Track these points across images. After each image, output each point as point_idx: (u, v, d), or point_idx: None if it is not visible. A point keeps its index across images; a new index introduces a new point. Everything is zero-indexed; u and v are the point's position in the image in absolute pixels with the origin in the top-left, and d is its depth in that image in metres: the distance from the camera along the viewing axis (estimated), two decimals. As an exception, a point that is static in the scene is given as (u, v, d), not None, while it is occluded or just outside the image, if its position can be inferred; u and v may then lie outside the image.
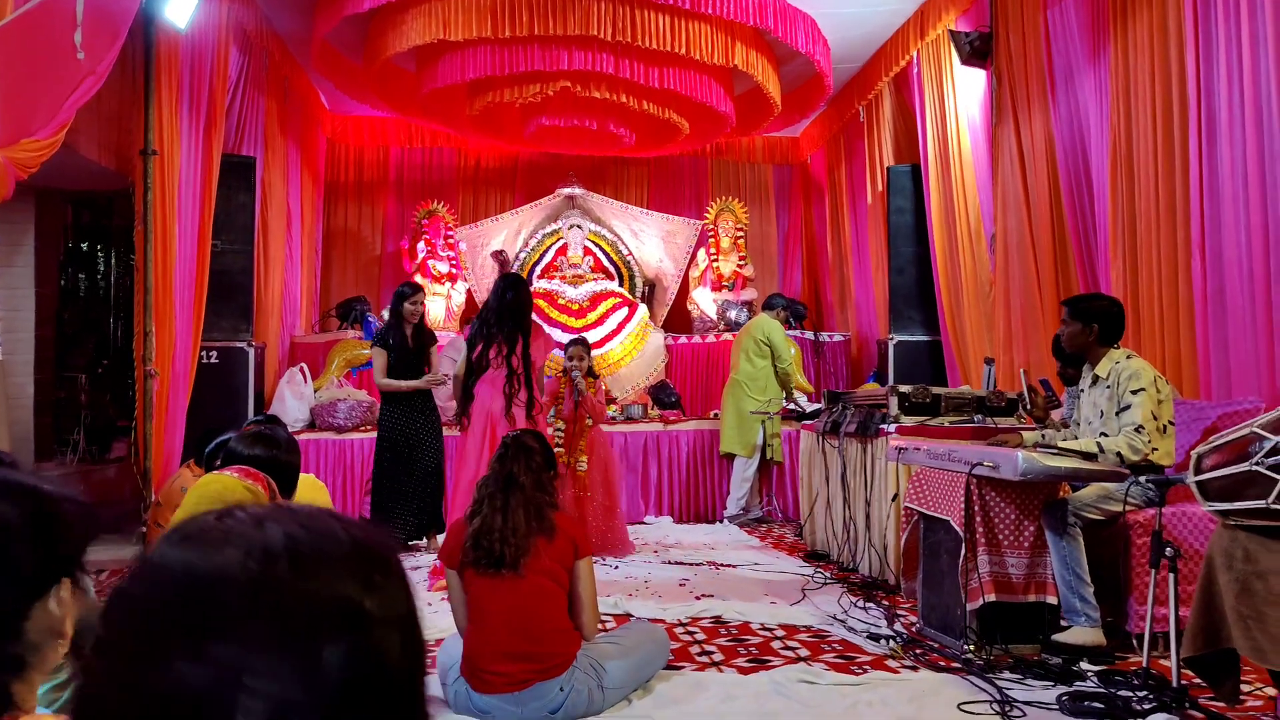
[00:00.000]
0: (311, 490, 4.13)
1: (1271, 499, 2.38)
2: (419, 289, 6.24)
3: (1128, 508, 3.52)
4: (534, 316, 5.45)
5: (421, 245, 9.33)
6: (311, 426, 7.22)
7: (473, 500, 3.04)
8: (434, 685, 3.18)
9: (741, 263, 9.52)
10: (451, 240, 9.46)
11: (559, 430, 5.97)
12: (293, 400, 7.18)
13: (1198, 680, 2.87)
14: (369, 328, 8.15)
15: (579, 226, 9.61)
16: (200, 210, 6.20)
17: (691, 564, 5.58)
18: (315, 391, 7.42)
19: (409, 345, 6.01)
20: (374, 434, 6.91)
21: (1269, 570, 2.45)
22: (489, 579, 2.90)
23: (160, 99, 5.65)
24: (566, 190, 9.68)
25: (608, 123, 8.04)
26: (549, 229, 9.71)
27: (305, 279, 8.86)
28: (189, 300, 6.11)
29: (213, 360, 6.69)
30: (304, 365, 7.54)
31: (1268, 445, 2.39)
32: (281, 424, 4.86)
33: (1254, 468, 2.41)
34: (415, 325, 6.09)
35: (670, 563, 5.63)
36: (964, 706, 2.95)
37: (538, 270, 9.55)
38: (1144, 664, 2.99)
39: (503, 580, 2.88)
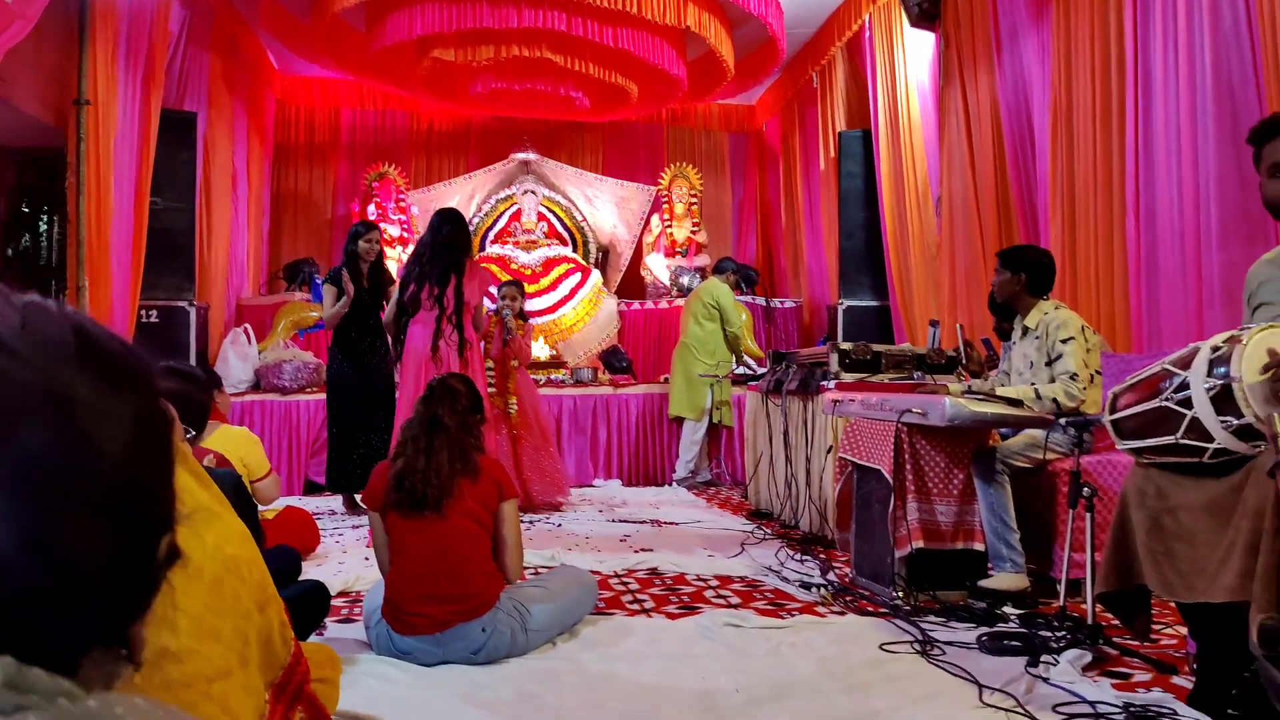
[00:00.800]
0: (245, 444, 4.07)
1: (1180, 434, 2.40)
2: (374, 227, 6.01)
3: (1052, 455, 3.57)
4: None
5: (372, 208, 9.23)
6: (256, 388, 7.13)
7: (397, 442, 3.01)
8: (358, 630, 3.17)
9: (695, 229, 9.51)
10: (403, 204, 9.36)
11: (489, 370, 5.93)
12: (236, 361, 7.08)
13: (1115, 622, 2.92)
14: (317, 290, 8.05)
15: (533, 192, 9.55)
16: (138, 165, 6.08)
17: (635, 521, 5.59)
18: (260, 353, 7.33)
19: (364, 285, 5.84)
20: (320, 396, 6.86)
21: (1179, 506, 2.47)
22: (411, 520, 2.87)
23: (95, 49, 5.52)
24: (521, 155, 9.61)
25: (559, 85, 7.97)
26: (503, 194, 9.65)
27: (252, 240, 8.73)
28: (126, 257, 5.99)
29: (153, 319, 6.58)
30: (248, 326, 7.44)
31: (1177, 380, 2.41)
32: (216, 376, 4.80)
33: (1164, 403, 2.43)
34: (371, 264, 5.91)
35: (614, 520, 5.63)
36: (886, 647, 2.97)
37: (491, 235, 9.49)
38: (1061, 603, 3.03)
39: (425, 522, 2.85)
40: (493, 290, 5.73)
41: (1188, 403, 2.37)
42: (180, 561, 0.63)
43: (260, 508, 4.08)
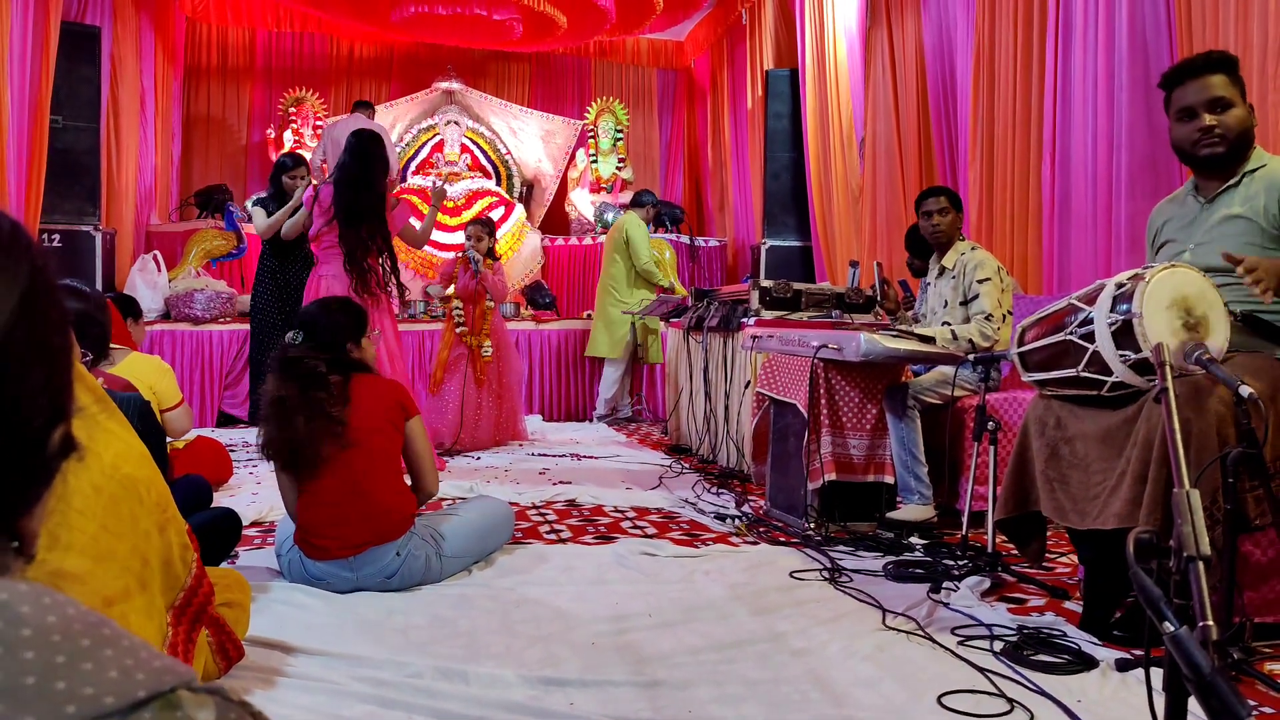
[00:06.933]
0: (156, 373, 3.96)
1: (1081, 367, 2.48)
2: (301, 161, 6.07)
3: (961, 391, 3.66)
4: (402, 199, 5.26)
5: (289, 135, 8.94)
6: (166, 317, 6.92)
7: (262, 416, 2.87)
8: (271, 558, 3.13)
9: (621, 165, 9.42)
10: (321, 131, 9.08)
11: (458, 309, 5.83)
12: (145, 289, 6.84)
13: (1015, 551, 3.03)
14: (230, 218, 7.80)
15: (456, 123, 9.35)
16: (36, 78, 5.79)
17: (555, 455, 5.60)
18: (171, 281, 7.10)
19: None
20: (234, 326, 6.72)
21: (1076, 436, 2.57)
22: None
23: (-14, -48, 5.21)
24: (444, 84, 9.38)
25: (489, 9, 7.76)
26: (425, 124, 9.42)
27: (161, 165, 8.40)
28: (24, 175, 5.72)
29: (55, 244, 6.32)
30: (158, 253, 7.19)
31: (1081, 316, 2.48)
32: (136, 305, 4.63)
33: (1068, 337, 2.51)
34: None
35: (534, 454, 5.64)
36: (796, 574, 3.04)
37: (412, 167, 9.27)
38: (964, 533, 3.13)
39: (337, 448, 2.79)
40: (411, 216, 5.59)
41: (1090, 337, 2.45)
42: (76, 454, 0.61)
43: (170, 439, 3.99)
